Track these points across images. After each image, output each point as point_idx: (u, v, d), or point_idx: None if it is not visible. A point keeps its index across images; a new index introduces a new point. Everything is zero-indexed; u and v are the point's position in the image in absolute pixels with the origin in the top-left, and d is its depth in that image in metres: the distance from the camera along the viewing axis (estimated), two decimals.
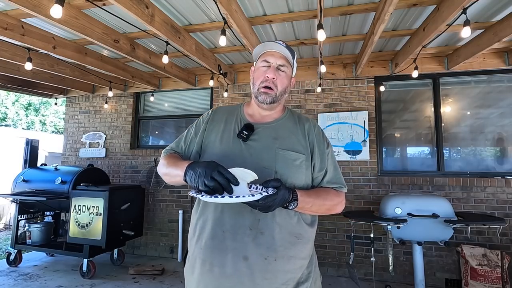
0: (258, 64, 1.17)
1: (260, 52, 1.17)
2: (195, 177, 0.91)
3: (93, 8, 2.54)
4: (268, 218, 1.02)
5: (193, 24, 2.96)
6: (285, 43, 1.16)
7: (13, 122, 13.94)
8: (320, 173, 1.15)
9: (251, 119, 1.20)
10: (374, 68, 3.88)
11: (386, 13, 2.20)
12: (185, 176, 0.96)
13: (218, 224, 1.03)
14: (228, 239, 1.01)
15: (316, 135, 1.18)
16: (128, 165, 4.78)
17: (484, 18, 2.74)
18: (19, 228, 4.03)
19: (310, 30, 3.09)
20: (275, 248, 1.01)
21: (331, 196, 1.12)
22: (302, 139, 1.16)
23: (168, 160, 1.14)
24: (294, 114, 1.26)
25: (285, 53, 1.13)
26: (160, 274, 3.74)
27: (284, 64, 1.14)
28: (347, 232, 3.73)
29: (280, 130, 1.16)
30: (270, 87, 1.13)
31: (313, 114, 4.04)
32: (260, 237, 1.00)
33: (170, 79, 4.61)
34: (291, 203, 0.98)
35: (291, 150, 1.11)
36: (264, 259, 0.99)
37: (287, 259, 1.03)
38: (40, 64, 3.56)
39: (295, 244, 1.05)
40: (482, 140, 3.70)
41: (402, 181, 3.64)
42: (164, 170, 1.13)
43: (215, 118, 1.23)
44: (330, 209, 1.12)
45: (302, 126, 1.20)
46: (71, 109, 5.28)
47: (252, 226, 1.01)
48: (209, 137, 1.18)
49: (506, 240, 3.32)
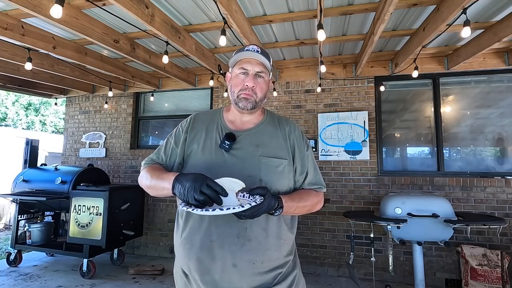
0: (235, 71, 1.16)
1: (237, 59, 1.16)
2: (183, 191, 0.91)
3: (93, 8, 2.54)
4: (254, 225, 1.03)
5: (193, 24, 2.96)
6: (259, 47, 1.16)
7: (13, 122, 13.94)
8: (301, 176, 1.18)
9: (232, 125, 1.19)
10: (374, 68, 3.88)
11: (386, 13, 2.20)
12: (173, 189, 0.97)
13: (206, 234, 1.03)
14: (216, 248, 1.01)
15: (297, 138, 1.20)
16: (128, 165, 4.78)
17: (484, 18, 2.74)
18: (19, 228, 4.03)
19: (310, 30, 3.09)
20: (263, 253, 1.03)
21: (311, 198, 1.16)
22: (283, 142, 1.17)
23: (151, 172, 1.11)
24: (274, 117, 1.26)
25: (262, 60, 1.13)
26: (160, 274, 3.74)
27: (262, 70, 1.14)
28: (347, 232, 3.73)
29: (261, 136, 1.17)
30: (249, 94, 1.13)
31: (313, 114, 4.05)
32: (247, 244, 1.02)
33: (170, 79, 4.61)
34: (277, 210, 1.01)
35: (274, 157, 1.12)
36: (252, 263, 1.02)
37: (274, 260, 1.06)
38: (40, 64, 3.56)
39: (281, 245, 1.09)
40: (482, 140, 3.70)
41: (402, 181, 3.64)
42: (147, 183, 1.11)
43: (194, 127, 1.21)
44: (310, 210, 1.17)
45: (283, 129, 1.21)
46: (71, 109, 5.28)
47: (240, 234, 1.02)
48: (190, 147, 1.17)
49: (506, 240, 3.32)
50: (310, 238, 3.85)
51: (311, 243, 3.86)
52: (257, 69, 1.13)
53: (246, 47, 1.16)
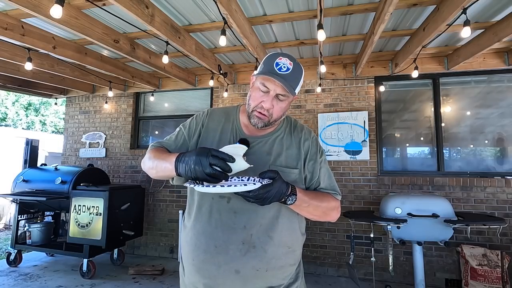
0: (257, 83, 1.06)
1: (263, 73, 1.02)
2: (189, 168, 0.87)
3: (93, 8, 2.54)
4: (261, 232, 1.01)
5: (193, 24, 2.96)
6: (292, 62, 1.02)
7: (13, 122, 13.93)
8: (311, 183, 1.13)
9: (246, 130, 1.15)
10: (374, 68, 3.88)
11: (386, 13, 2.20)
12: (177, 170, 0.92)
13: (211, 238, 1.02)
14: (220, 254, 1.00)
15: (311, 147, 1.15)
16: (128, 165, 4.78)
17: (484, 18, 2.73)
18: (19, 228, 4.03)
19: (310, 30, 3.09)
20: (267, 261, 1.01)
21: (327, 199, 1.10)
22: (296, 151, 1.13)
23: (155, 153, 1.08)
24: (289, 124, 1.20)
25: (287, 86, 1.00)
26: (160, 274, 3.74)
27: (285, 94, 1.03)
28: (347, 232, 3.73)
29: (274, 144, 1.13)
30: (264, 114, 1.05)
31: (313, 114, 4.05)
32: (252, 251, 1.00)
33: (170, 79, 4.61)
34: (289, 197, 0.95)
35: (285, 166, 1.09)
36: (256, 270, 1.00)
37: (278, 268, 1.04)
38: (40, 64, 3.55)
39: (287, 253, 1.06)
40: (482, 140, 3.70)
41: (402, 181, 3.64)
42: (150, 164, 1.07)
43: (209, 125, 1.17)
44: (325, 213, 1.10)
45: (297, 136, 1.16)
46: (71, 109, 5.28)
47: (245, 240, 1.00)
48: (203, 144, 1.13)
49: (506, 240, 3.32)
50: (310, 238, 3.85)
51: (311, 243, 3.86)
52: (279, 91, 1.02)
53: (277, 60, 1.02)
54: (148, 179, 4.59)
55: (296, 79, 1.04)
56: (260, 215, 1.02)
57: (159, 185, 4.53)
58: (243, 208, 1.02)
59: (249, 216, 1.02)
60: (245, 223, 1.01)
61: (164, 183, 4.52)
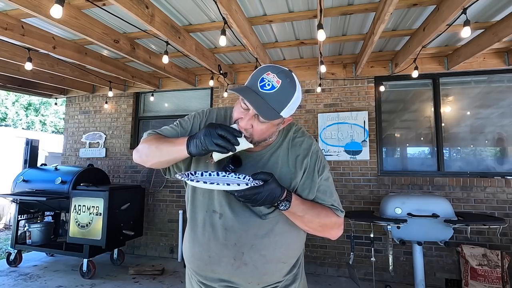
0: (240, 99, 0.95)
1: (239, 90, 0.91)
2: (199, 141, 0.89)
3: (93, 8, 2.54)
4: (253, 251, 0.98)
5: (193, 24, 2.96)
6: (281, 79, 0.88)
7: (13, 122, 13.93)
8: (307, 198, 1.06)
9: None
10: (374, 68, 3.88)
11: (386, 13, 2.20)
12: (189, 148, 0.92)
13: (205, 249, 1.03)
14: (214, 264, 1.01)
15: (309, 164, 1.04)
16: (128, 165, 4.78)
17: (484, 18, 2.74)
18: (19, 228, 4.03)
19: (310, 30, 3.09)
20: (259, 277, 1.00)
21: (327, 212, 1.03)
22: (292, 170, 1.03)
23: (157, 140, 1.03)
24: (288, 138, 1.08)
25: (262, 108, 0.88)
26: (160, 274, 3.74)
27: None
28: (347, 232, 3.71)
29: (268, 161, 1.04)
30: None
31: (313, 114, 4.05)
32: (243, 267, 0.99)
33: (170, 79, 4.61)
34: (282, 202, 0.92)
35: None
36: (248, 283, 1.01)
37: (271, 282, 1.04)
38: (40, 64, 3.55)
39: (281, 269, 1.04)
40: (482, 140, 3.70)
41: (402, 181, 3.64)
42: (148, 150, 1.03)
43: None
44: (323, 227, 1.03)
45: (294, 154, 1.05)
46: (71, 109, 5.28)
47: (236, 257, 0.99)
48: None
49: (506, 240, 3.32)
50: (310, 238, 3.85)
51: (311, 243, 3.86)
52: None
53: (264, 75, 0.89)
54: (148, 179, 4.59)
55: (281, 100, 0.88)
56: (251, 234, 0.99)
57: (159, 185, 4.53)
58: (234, 226, 0.99)
59: (239, 234, 0.99)
60: (236, 241, 0.99)
61: (164, 183, 4.52)
